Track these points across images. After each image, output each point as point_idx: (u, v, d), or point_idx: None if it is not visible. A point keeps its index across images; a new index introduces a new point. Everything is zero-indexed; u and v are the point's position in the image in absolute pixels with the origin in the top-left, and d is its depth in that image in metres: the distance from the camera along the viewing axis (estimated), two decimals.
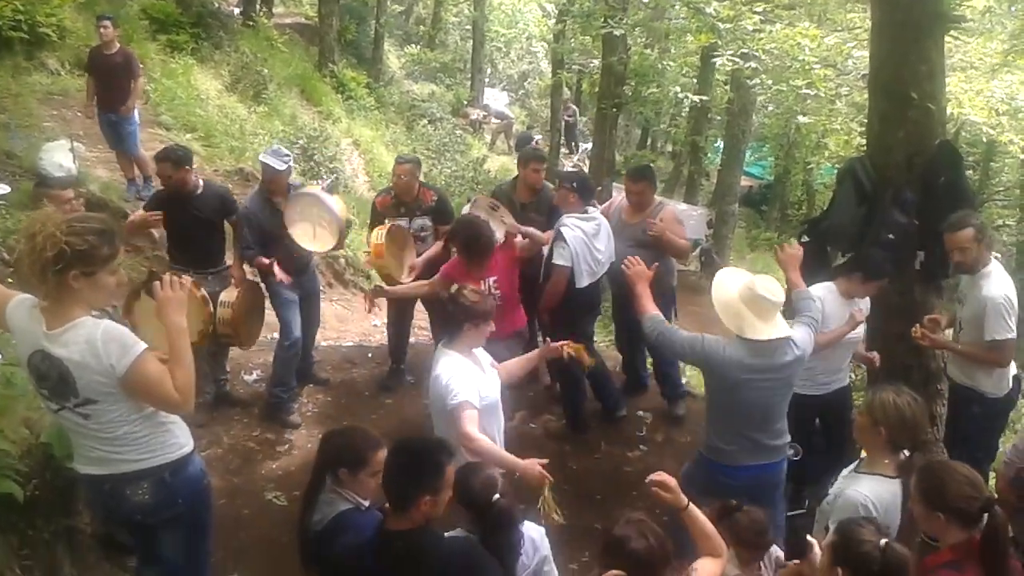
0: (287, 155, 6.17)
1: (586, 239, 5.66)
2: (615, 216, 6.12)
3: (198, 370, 5.73)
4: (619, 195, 6.61)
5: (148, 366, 2.99)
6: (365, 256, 6.55)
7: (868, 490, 3.26)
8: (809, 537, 3.19)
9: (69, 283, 2.88)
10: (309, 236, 5.98)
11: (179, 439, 3.27)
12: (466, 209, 6.23)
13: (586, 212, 5.78)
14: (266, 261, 5.98)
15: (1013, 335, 4.67)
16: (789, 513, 4.75)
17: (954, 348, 5.03)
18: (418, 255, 6.33)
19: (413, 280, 6.08)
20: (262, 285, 6.32)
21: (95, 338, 2.92)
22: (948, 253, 4.85)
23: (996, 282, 4.73)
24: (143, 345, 2.99)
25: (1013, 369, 4.99)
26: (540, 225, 6.16)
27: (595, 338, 6.66)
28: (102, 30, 9.02)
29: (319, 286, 6.92)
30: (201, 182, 6.10)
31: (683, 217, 16.56)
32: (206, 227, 6.05)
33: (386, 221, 6.26)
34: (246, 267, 6.15)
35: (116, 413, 3.04)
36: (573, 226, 5.65)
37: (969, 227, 4.69)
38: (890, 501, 3.27)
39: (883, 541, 2.64)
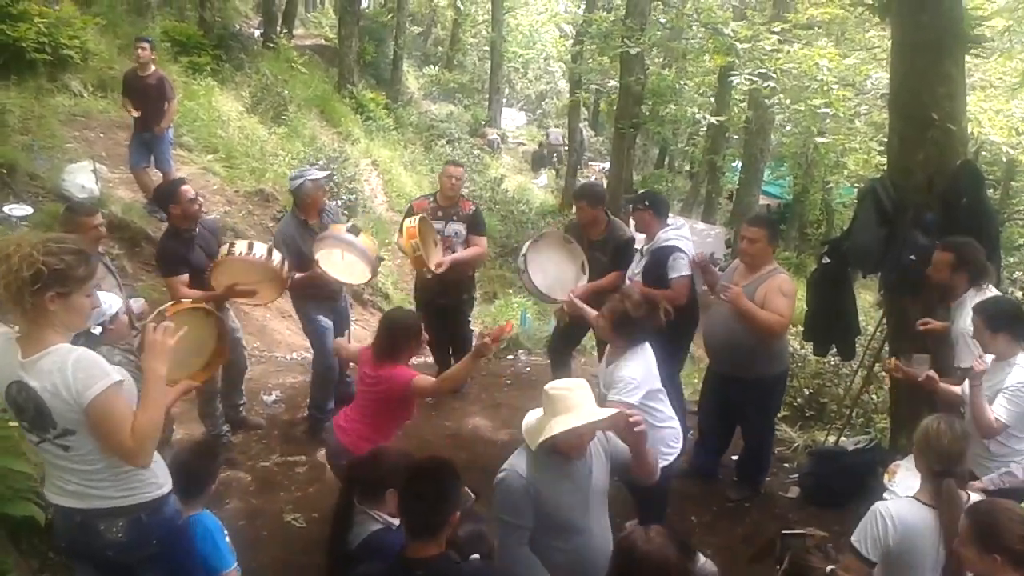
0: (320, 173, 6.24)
1: (690, 244, 5.78)
2: (727, 277, 5.70)
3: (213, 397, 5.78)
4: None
5: (112, 403, 2.86)
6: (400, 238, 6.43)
7: (895, 507, 3.26)
8: None
9: (46, 305, 2.80)
10: (342, 270, 6.01)
11: (158, 478, 3.17)
12: (524, 246, 6.20)
13: (668, 225, 5.85)
14: (302, 274, 5.87)
15: None
16: None
17: None
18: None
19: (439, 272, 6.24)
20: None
21: (66, 365, 2.82)
22: None
23: None
24: (114, 379, 2.87)
25: None
26: (603, 266, 6.13)
27: None
28: (139, 51, 9.16)
29: (350, 311, 6.94)
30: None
31: (701, 236, 16.51)
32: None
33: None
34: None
35: (94, 443, 2.94)
36: (677, 237, 5.69)
37: None
38: (914, 525, 3.18)
39: (829, 568, 2.65)
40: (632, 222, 6.29)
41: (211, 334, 4.87)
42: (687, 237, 5.79)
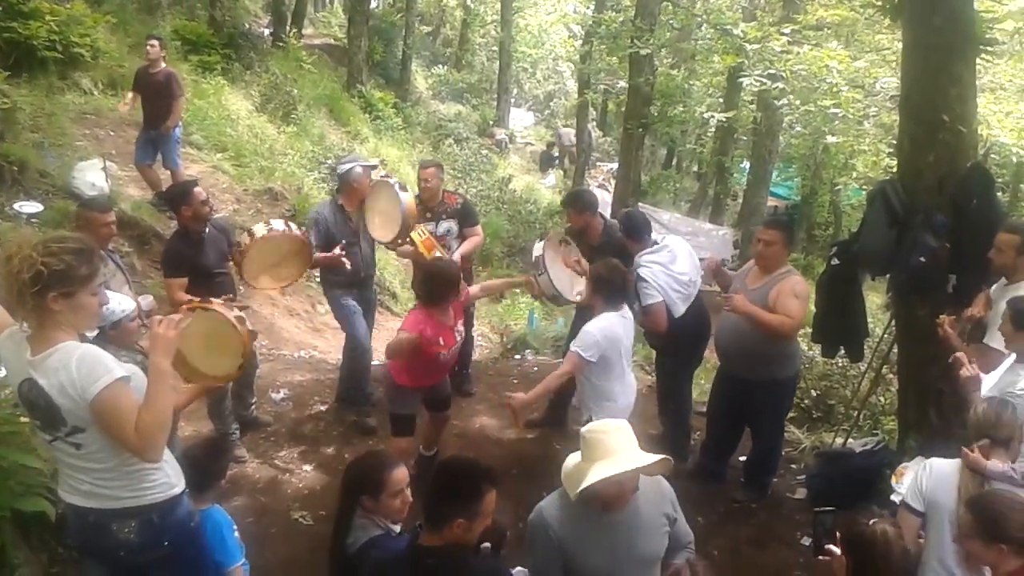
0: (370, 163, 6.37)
1: (665, 269, 5.58)
2: (740, 279, 5.72)
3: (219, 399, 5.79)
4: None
5: (116, 398, 2.82)
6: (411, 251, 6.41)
7: (936, 460, 3.57)
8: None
9: (49, 306, 2.77)
10: (375, 219, 6.12)
11: (170, 478, 3.14)
12: (538, 246, 6.13)
13: (655, 244, 5.73)
14: (327, 254, 5.92)
15: None
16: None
17: None
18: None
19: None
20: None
21: (71, 362, 2.79)
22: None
23: None
24: (119, 374, 2.83)
25: None
26: None
27: None
28: (149, 48, 9.20)
29: (376, 298, 6.98)
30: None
31: (708, 237, 16.38)
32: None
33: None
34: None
35: (104, 441, 2.91)
36: (647, 263, 5.58)
37: None
38: (943, 476, 3.46)
39: (872, 521, 2.95)
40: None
41: (233, 333, 4.90)
42: (660, 263, 5.61)
